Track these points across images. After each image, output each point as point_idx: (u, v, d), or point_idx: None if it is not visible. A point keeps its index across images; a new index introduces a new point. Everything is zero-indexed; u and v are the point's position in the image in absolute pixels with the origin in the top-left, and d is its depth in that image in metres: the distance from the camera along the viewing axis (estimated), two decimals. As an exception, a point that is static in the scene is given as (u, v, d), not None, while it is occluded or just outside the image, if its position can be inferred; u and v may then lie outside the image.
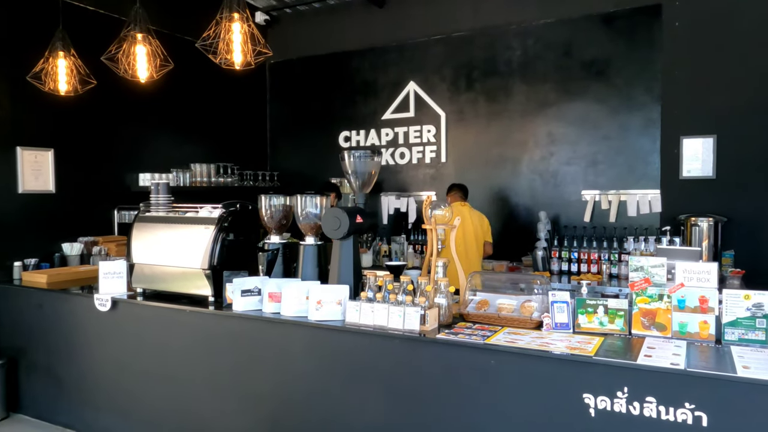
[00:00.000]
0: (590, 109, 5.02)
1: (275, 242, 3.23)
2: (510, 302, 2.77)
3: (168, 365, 3.27)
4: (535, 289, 2.75)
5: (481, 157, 5.52)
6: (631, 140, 4.89)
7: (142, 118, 5.33)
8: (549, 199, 5.18)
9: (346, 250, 2.94)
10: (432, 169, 5.74)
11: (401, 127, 5.86)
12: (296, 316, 2.85)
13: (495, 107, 5.44)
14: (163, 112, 5.54)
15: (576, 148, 5.09)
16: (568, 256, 4.81)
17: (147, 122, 5.38)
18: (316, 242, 3.12)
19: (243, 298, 3.02)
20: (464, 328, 2.60)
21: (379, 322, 2.63)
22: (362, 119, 6.07)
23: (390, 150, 5.92)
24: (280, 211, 3.23)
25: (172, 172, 5.40)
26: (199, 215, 3.38)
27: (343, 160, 3.07)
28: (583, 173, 5.07)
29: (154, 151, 5.41)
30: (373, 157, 3.10)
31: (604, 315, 2.52)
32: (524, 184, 5.32)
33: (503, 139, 5.41)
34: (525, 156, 5.32)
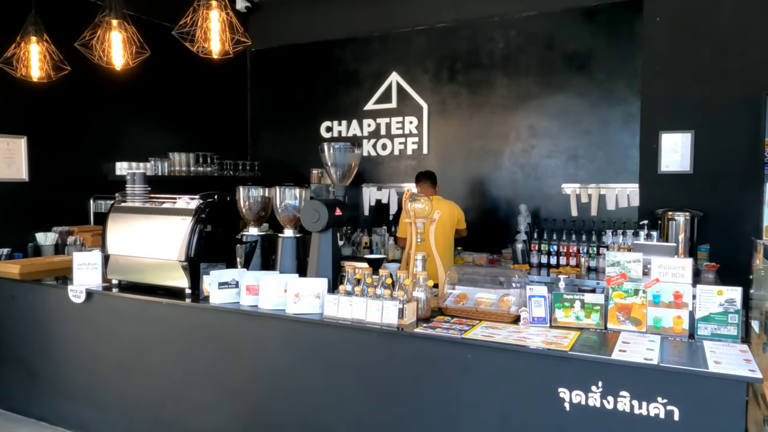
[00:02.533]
0: (571, 102, 5.04)
1: (253, 234, 3.19)
2: (488, 296, 2.78)
3: (143, 358, 3.23)
4: (514, 283, 2.76)
5: (462, 150, 5.51)
6: (611, 134, 4.92)
7: (120, 106, 5.23)
8: (530, 192, 5.20)
9: (325, 243, 2.91)
10: (414, 160, 5.72)
11: (383, 118, 5.83)
12: (274, 309, 2.83)
13: (477, 99, 5.43)
14: (141, 99, 5.44)
15: (557, 142, 5.11)
16: (547, 249, 4.84)
17: (124, 110, 5.28)
18: (294, 235, 3.09)
19: (220, 291, 2.98)
20: (442, 322, 2.61)
21: (357, 315, 2.62)
22: (344, 109, 6.03)
23: (372, 141, 5.89)
24: (259, 202, 3.19)
25: (150, 161, 5.31)
26: (176, 206, 3.33)
27: (323, 152, 3.04)
28: (563, 167, 5.09)
29: (132, 140, 5.32)
30: (354, 149, 3.08)
31: (581, 309, 2.53)
32: (505, 177, 5.34)
33: (485, 131, 5.41)
34: (506, 149, 5.33)
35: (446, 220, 4.45)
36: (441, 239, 4.35)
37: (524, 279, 2.76)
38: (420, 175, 4.69)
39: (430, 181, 4.64)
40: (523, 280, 2.74)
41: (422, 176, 4.67)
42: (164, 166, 5.43)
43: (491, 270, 3.22)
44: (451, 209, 4.51)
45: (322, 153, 3.05)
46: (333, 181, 3.10)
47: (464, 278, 2.97)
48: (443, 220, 4.43)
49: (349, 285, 2.79)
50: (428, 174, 4.68)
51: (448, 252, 4.53)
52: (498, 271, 3.07)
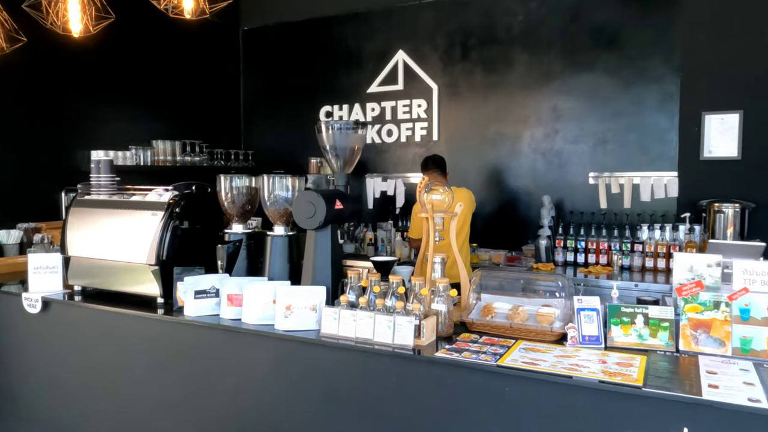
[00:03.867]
0: (600, 81, 4.50)
1: (237, 232, 2.67)
2: (523, 308, 2.25)
3: (108, 379, 2.72)
4: (556, 292, 2.24)
5: (477, 135, 4.98)
6: (645, 116, 4.38)
7: (94, 88, 4.70)
8: (553, 181, 4.67)
9: (322, 242, 2.39)
10: (422, 148, 5.19)
11: (388, 101, 5.29)
12: (261, 324, 2.31)
13: (493, 79, 4.89)
14: (121, 81, 4.91)
15: (583, 126, 4.57)
16: (574, 246, 4.32)
17: (100, 92, 4.75)
18: (286, 233, 2.57)
19: (197, 301, 2.47)
20: (469, 342, 2.09)
21: (362, 334, 2.10)
22: (345, 93, 5.49)
23: (376, 127, 5.35)
24: (244, 194, 2.67)
25: (131, 149, 4.81)
26: (146, 199, 2.81)
27: (320, 132, 2.52)
28: (591, 153, 4.56)
29: (110, 126, 4.79)
30: (357, 129, 2.55)
31: (644, 326, 2.01)
32: (525, 166, 4.80)
33: (502, 114, 4.87)
34: (526, 134, 4.79)
35: (467, 212, 3.85)
36: (462, 237, 3.79)
37: (569, 287, 2.23)
38: (427, 162, 3.98)
39: (440, 168, 3.94)
40: (568, 288, 2.22)
41: (430, 163, 3.96)
42: (147, 156, 4.92)
43: (526, 276, 2.68)
44: (470, 199, 3.87)
45: (319, 134, 2.52)
46: (332, 169, 2.57)
47: (491, 284, 2.44)
48: (464, 214, 3.84)
49: (352, 294, 2.28)
50: (437, 160, 3.97)
51: (468, 251, 3.99)
52: (534, 276, 2.54)
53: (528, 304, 2.31)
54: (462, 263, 2.44)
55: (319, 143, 2.55)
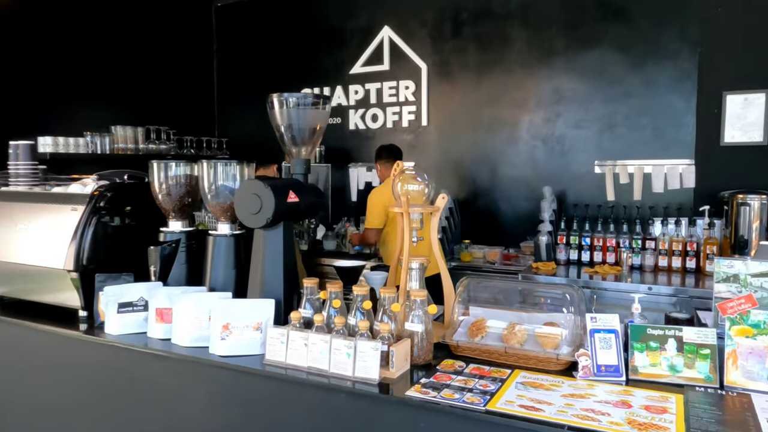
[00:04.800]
0: (607, 58, 4.03)
1: (174, 231, 2.20)
2: (521, 326, 1.79)
3: (18, 407, 2.26)
4: (563, 306, 1.78)
5: (470, 120, 4.50)
6: (658, 97, 3.91)
7: (45, 65, 4.21)
8: (554, 171, 4.21)
9: (272, 244, 1.93)
10: (410, 134, 4.72)
11: (373, 82, 4.82)
12: (194, 346, 1.85)
13: (488, 58, 4.41)
14: (74, 59, 4.42)
15: (588, 108, 4.11)
16: (578, 242, 3.86)
17: (50, 71, 4.26)
18: (232, 231, 2.10)
19: (121, 316, 2.01)
20: (452, 373, 1.63)
21: (315, 362, 1.64)
22: (326, 74, 5.00)
23: (359, 111, 4.87)
24: (182, 184, 2.20)
25: (86, 135, 4.33)
26: (68, 191, 2.34)
27: (272, 108, 2.05)
28: (597, 139, 4.09)
29: (62, 110, 4.31)
30: (318, 105, 2.08)
31: (678, 354, 1.56)
32: (524, 153, 4.34)
33: (498, 97, 4.40)
34: (525, 118, 4.32)
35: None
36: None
37: (579, 298, 1.77)
38: (382, 150, 3.87)
39: (395, 158, 3.79)
40: (577, 301, 1.76)
41: (384, 152, 3.86)
42: (105, 143, 4.45)
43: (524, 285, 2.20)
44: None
45: (271, 111, 2.06)
46: (288, 153, 2.10)
47: (482, 295, 1.98)
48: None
49: (308, 309, 1.83)
50: (393, 149, 3.88)
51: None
52: (534, 285, 2.07)
53: (527, 320, 1.85)
54: (444, 266, 1.97)
55: (271, 122, 2.08)
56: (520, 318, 1.87)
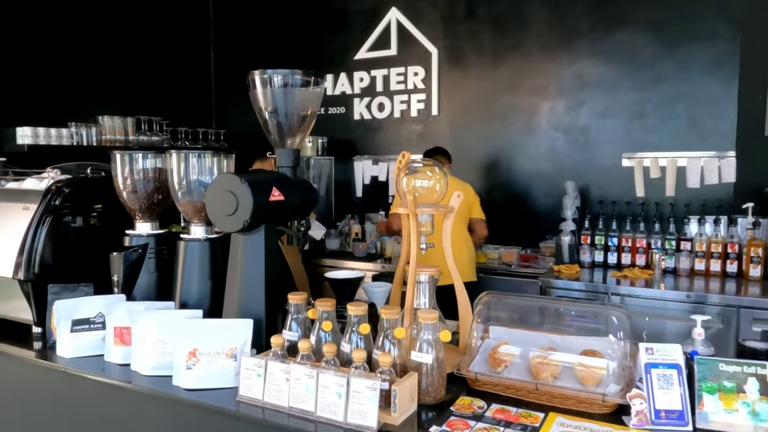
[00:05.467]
0: (637, 39, 3.65)
1: (142, 234, 1.88)
2: (554, 357, 1.45)
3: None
4: (606, 330, 1.44)
5: (484, 109, 4.15)
6: (694, 83, 3.54)
7: (23, 49, 3.91)
8: (577, 164, 3.85)
9: (252, 252, 1.60)
10: (419, 124, 4.37)
11: (380, 69, 4.47)
12: (156, 375, 1.54)
13: (504, 41, 4.05)
14: (59, 43, 4.11)
15: (616, 96, 3.74)
16: (603, 243, 3.51)
17: (32, 55, 3.95)
18: (207, 235, 1.78)
19: (75, 335, 1.70)
20: (470, 418, 1.30)
21: (299, 403, 1.32)
22: (329, 60, 4.66)
23: (365, 100, 4.53)
24: (150, 179, 1.87)
25: (70, 126, 4.01)
26: (21, 186, 2.03)
27: (254, 88, 1.72)
28: (625, 129, 3.72)
29: (45, 98, 4.01)
30: (309, 84, 1.75)
31: (761, 397, 1.21)
32: (543, 145, 3.98)
33: (515, 84, 4.04)
34: (544, 107, 3.96)
35: (465, 210, 3.21)
36: (459, 242, 3.08)
37: (626, 320, 1.43)
38: (434, 151, 3.59)
39: (444, 156, 3.55)
40: (625, 323, 1.42)
41: (440, 152, 3.58)
42: (91, 134, 4.14)
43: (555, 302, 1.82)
44: (467, 192, 3.26)
45: (252, 92, 1.73)
46: (273, 142, 1.77)
47: (501, 315, 1.64)
48: (462, 212, 3.15)
49: (294, 331, 1.51)
50: (444, 151, 3.61)
51: (470, 264, 3.26)
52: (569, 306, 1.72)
53: (561, 345, 1.51)
54: (460, 282, 1.63)
55: (252, 105, 1.75)
56: (552, 342, 1.53)
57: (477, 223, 3.38)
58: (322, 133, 4.50)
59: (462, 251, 3.20)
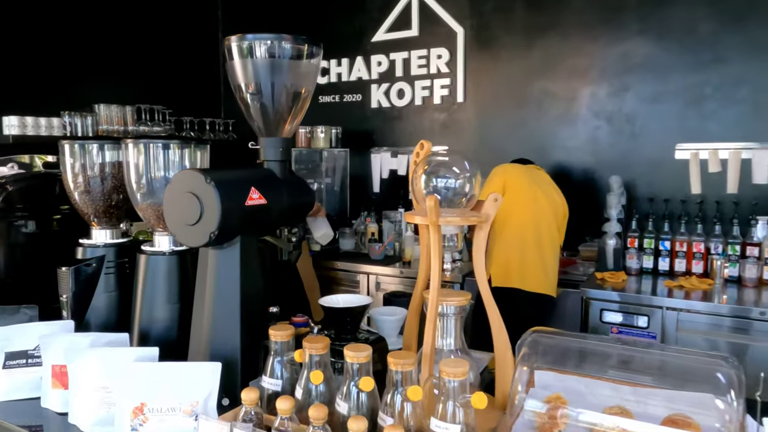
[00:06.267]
0: (695, 14, 3.18)
1: (97, 244, 1.53)
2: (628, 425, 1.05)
3: None
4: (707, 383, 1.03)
5: (516, 95, 3.72)
6: (762, 63, 3.06)
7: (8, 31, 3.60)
8: (623, 157, 3.40)
9: (224, 271, 1.23)
10: (443, 112, 3.96)
11: (399, 52, 4.06)
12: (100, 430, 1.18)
13: (539, 19, 3.61)
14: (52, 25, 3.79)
15: (668, 78, 3.27)
16: (653, 247, 3.07)
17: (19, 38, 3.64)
18: (173, 247, 1.41)
19: (8, 372, 1.36)
20: None
21: (273, 491, 0.94)
22: (344, 43, 4.27)
23: (383, 86, 4.13)
24: (109, 176, 1.51)
25: (64, 116, 3.70)
26: (-39, 184, 1.69)
27: (231, 59, 1.34)
28: (679, 117, 3.26)
29: (36, 85, 3.69)
30: (302, 55, 1.37)
31: None
32: (583, 135, 3.54)
33: (551, 66, 3.60)
34: (585, 91, 3.52)
35: (545, 212, 2.79)
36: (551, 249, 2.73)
37: (738, 375, 1.02)
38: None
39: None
40: (735, 380, 1.01)
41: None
42: (86, 124, 3.82)
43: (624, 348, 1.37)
44: (558, 195, 2.93)
45: (230, 63, 1.36)
46: (257, 130, 1.40)
47: (549, 356, 1.24)
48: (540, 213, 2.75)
49: (275, 378, 1.15)
50: (524, 161, 3.16)
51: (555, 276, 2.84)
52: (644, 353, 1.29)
53: (633, 400, 1.11)
54: (496, 312, 1.23)
55: (231, 82, 1.37)
56: (621, 396, 1.13)
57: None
58: (336, 123, 4.12)
59: (551, 262, 2.78)
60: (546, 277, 2.71)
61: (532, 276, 2.68)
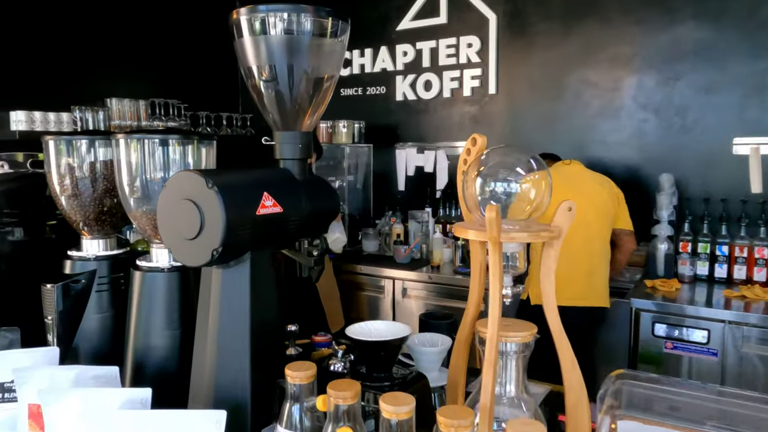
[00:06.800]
0: (755, -7, 2.88)
1: (88, 256, 1.31)
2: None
3: None
4: None
5: (552, 86, 3.45)
6: (835, 46, 2.75)
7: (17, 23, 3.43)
8: (673, 153, 3.11)
9: (231, 294, 1.01)
10: (474, 105, 3.70)
11: (427, 40, 3.81)
12: (79, 491, 0.96)
13: (578, 3, 3.33)
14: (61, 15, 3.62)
15: (725, 65, 2.98)
16: (709, 252, 2.79)
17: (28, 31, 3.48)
18: (173, 263, 1.19)
19: (-19, 409, 1.14)
20: None
21: None
22: (368, 32, 4.03)
23: (409, 77, 3.89)
24: (100, 178, 1.30)
25: (74, 111, 3.53)
26: (-60, 186, 1.49)
27: (240, 37, 1.11)
28: (737, 108, 2.96)
29: (44, 79, 3.53)
30: (325, 32, 1.13)
31: None
32: (628, 129, 3.25)
33: (591, 54, 3.32)
34: (629, 81, 3.23)
35: (609, 212, 2.52)
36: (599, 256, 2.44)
37: None
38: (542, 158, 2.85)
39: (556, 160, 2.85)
40: None
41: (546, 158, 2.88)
42: (98, 119, 3.65)
43: (735, 403, 1.10)
44: (605, 187, 2.64)
45: (239, 40, 1.13)
46: (271, 123, 1.17)
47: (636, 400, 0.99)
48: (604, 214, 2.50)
49: (292, 429, 0.91)
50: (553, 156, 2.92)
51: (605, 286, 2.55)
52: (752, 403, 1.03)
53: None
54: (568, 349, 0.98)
55: (240, 66, 1.14)
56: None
57: (622, 236, 2.62)
58: (359, 117, 3.89)
59: (600, 270, 2.51)
60: (594, 289, 2.45)
61: (578, 289, 2.42)
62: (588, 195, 2.50)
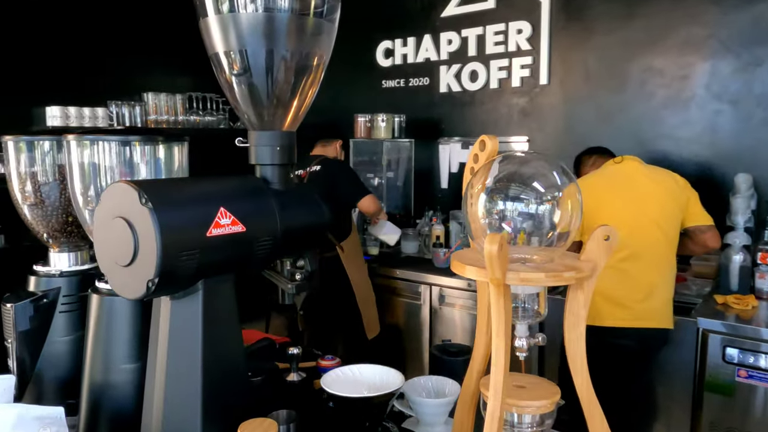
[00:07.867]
0: None
1: (53, 271, 1.17)
2: None
3: None
4: None
5: (612, 74, 3.10)
6: None
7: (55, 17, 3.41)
8: (752, 150, 2.71)
9: (181, 329, 0.82)
10: (524, 97, 3.40)
11: (473, 27, 3.53)
12: None
13: (644, -19, 2.97)
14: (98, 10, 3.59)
15: (817, 48, 2.56)
16: (794, 265, 2.40)
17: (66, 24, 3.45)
18: (134, 284, 1.02)
19: (-73, 443, 1.01)
20: None
21: None
22: (411, 20, 3.79)
23: (454, 68, 3.62)
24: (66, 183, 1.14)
25: (111, 105, 3.50)
26: None
27: (205, 17, 0.92)
28: (831, 98, 2.55)
29: (81, 73, 3.50)
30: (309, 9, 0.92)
31: None
32: (699, 123, 2.88)
33: (657, 38, 2.95)
34: (701, 68, 2.85)
35: (673, 215, 2.19)
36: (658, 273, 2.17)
37: None
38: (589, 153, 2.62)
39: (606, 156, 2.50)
40: None
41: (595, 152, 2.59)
42: (135, 114, 3.61)
43: None
44: (671, 181, 2.26)
45: (202, 22, 0.93)
46: (243, 118, 0.97)
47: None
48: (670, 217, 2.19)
49: None
50: (602, 150, 2.57)
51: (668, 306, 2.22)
52: None
53: None
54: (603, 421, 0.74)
55: (206, 49, 0.96)
56: None
57: (702, 232, 2.22)
58: (399, 111, 3.66)
59: (662, 286, 2.18)
60: (652, 309, 2.13)
61: (633, 310, 2.11)
62: (642, 200, 2.17)
